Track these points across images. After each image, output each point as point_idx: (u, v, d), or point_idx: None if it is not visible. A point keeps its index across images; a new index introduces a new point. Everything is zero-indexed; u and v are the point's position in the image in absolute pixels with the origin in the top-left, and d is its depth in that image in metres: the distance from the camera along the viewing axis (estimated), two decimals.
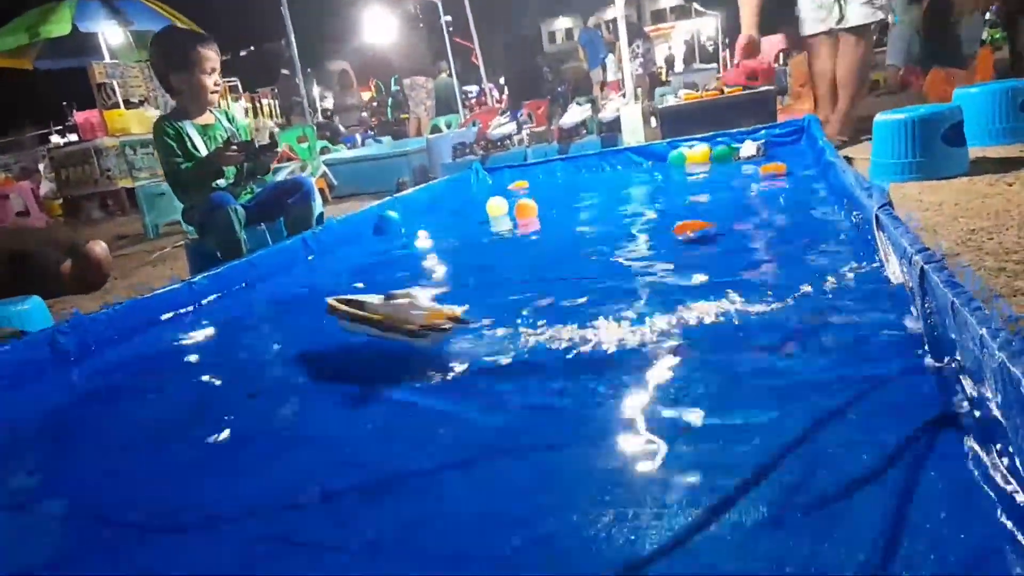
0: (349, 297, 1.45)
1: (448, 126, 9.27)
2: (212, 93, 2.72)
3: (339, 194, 6.21)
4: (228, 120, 2.89)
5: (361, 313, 1.39)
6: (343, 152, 7.19)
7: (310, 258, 2.50)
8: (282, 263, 2.37)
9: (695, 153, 3.35)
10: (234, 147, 2.65)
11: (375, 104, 12.84)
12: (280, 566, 0.80)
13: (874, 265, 1.48)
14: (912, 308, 1.11)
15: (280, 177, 6.03)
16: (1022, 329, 0.83)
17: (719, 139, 3.48)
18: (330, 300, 1.47)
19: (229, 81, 13.14)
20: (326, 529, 0.86)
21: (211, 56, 2.68)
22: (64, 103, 11.54)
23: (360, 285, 2.13)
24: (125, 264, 4.58)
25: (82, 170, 9.09)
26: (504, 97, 14.07)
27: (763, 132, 3.45)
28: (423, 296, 1.34)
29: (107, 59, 9.46)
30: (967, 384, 0.85)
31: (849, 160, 3.41)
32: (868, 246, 1.58)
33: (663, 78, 11.78)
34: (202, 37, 2.74)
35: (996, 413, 0.73)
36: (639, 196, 3.02)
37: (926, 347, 1.00)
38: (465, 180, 3.87)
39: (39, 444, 1.30)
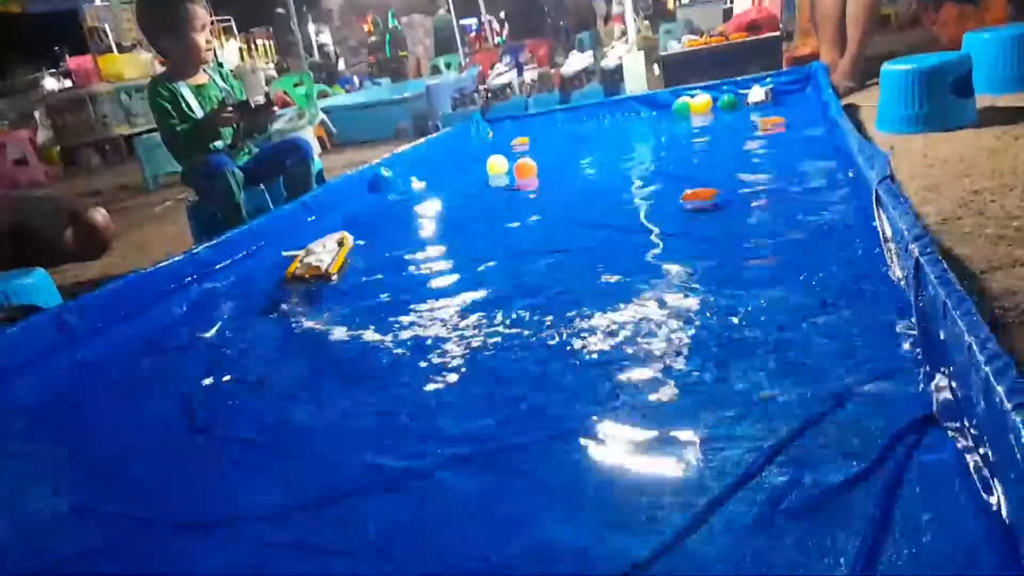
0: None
1: (448, 66, 9.07)
2: (205, 51, 2.66)
3: (338, 141, 6.14)
4: (222, 78, 2.84)
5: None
6: (341, 98, 7.06)
7: (311, 219, 2.49)
8: (284, 227, 2.37)
9: (697, 103, 3.29)
10: (230, 108, 2.61)
11: (372, 40, 12.53)
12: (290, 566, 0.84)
13: (875, 251, 1.46)
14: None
15: (279, 124, 5.99)
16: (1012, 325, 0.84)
17: (724, 87, 3.41)
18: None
19: (223, 21, 12.83)
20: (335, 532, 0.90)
21: (200, 13, 2.61)
22: (56, 48, 11.27)
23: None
24: (127, 218, 4.58)
25: (78, 117, 8.97)
26: (505, 31, 13.72)
27: (768, 80, 3.38)
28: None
29: (98, 2, 9.23)
30: (957, 387, 0.86)
31: (856, 109, 3.35)
32: (872, 234, 1.53)
33: (670, 6, 11.39)
34: None
35: (980, 423, 0.75)
36: (642, 152, 2.98)
37: (918, 351, 1.00)
38: (465, 132, 3.81)
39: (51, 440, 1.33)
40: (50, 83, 11.95)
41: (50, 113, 9.28)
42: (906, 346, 1.02)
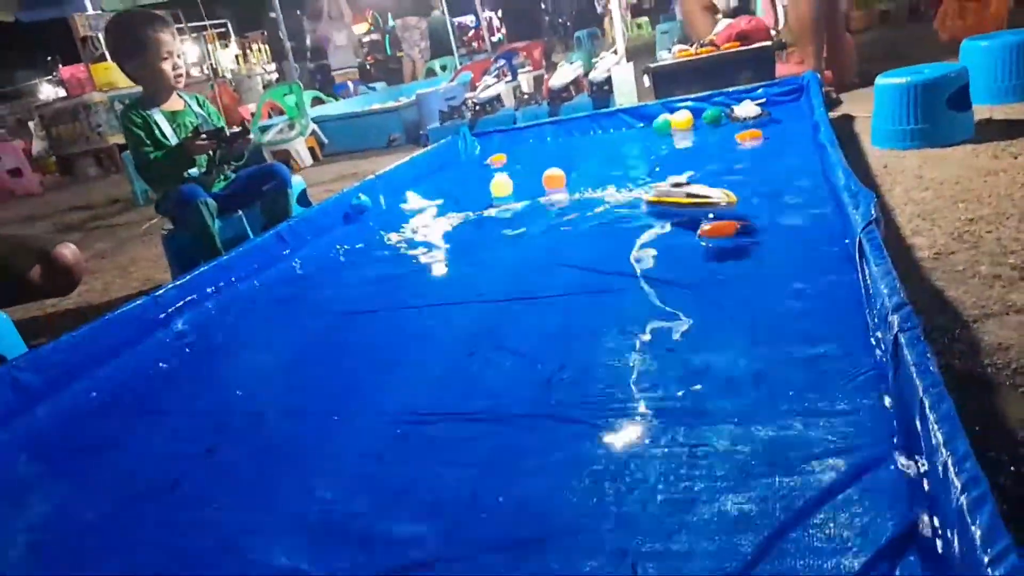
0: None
1: (443, 68, 8.98)
2: (175, 78, 2.58)
3: (330, 151, 6.07)
4: (199, 105, 2.76)
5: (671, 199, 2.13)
6: (332, 108, 6.98)
7: (286, 253, 2.42)
8: (258, 261, 2.30)
9: (678, 119, 3.21)
10: (203, 136, 2.54)
11: (372, 38, 12.37)
12: None
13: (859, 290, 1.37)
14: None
15: (269, 136, 5.92)
16: None
17: (715, 99, 3.32)
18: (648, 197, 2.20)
19: (217, 26, 12.77)
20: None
21: (165, 40, 2.53)
22: (48, 58, 11.23)
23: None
24: (114, 237, 4.53)
25: (72, 127, 8.93)
26: (503, 30, 13.59)
27: (760, 91, 3.29)
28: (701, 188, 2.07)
29: (89, 10, 9.15)
30: (930, 486, 0.78)
31: (850, 121, 3.25)
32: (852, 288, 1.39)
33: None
34: (155, 19, 2.58)
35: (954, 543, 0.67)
36: (633, 167, 2.89)
37: (895, 438, 0.92)
38: (452, 148, 3.73)
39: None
40: (47, 91, 11.95)
41: (44, 123, 9.23)
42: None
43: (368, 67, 11.55)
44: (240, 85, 10.64)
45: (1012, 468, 0.97)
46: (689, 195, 2.10)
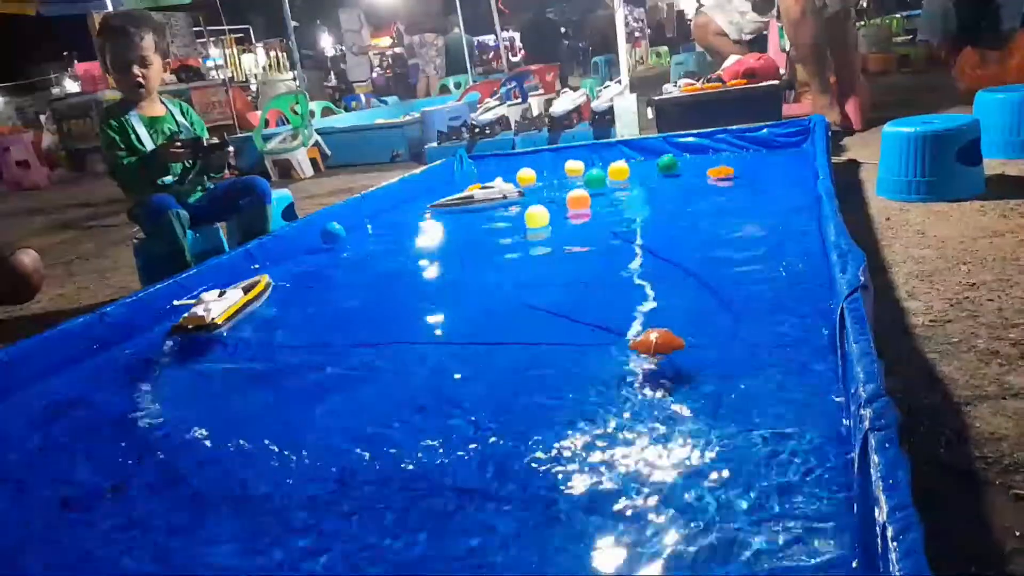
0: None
1: (457, 86, 8.95)
2: (134, 86, 2.49)
3: (333, 163, 6.00)
4: (182, 113, 2.68)
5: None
6: (336, 120, 6.93)
7: (254, 267, 2.31)
8: (220, 280, 2.20)
9: (617, 167, 3.14)
10: (179, 144, 2.46)
11: (396, 51, 12.34)
12: None
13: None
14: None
15: (271, 144, 5.87)
16: None
17: (718, 136, 3.21)
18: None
19: (237, 32, 12.84)
20: None
21: (140, 45, 2.43)
22: (65, 53, 11.30)
23: None
24: (104, 239, 4.46)
25: (84, 123, 8.95)
26: (521, 53, 13.59)
27: (765, 131, 3.18)
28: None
29: (109, 7, 9.19)
30: None
31: (856, 167, 3.13)
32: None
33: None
34: (131, 21, 2.49)
35: None
36: (624, 211, 2.78)
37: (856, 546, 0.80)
38: (448, 170, 3.64)
39: None
40: (63, 85, 12.02)
41: (56, 118, 9.27)
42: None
43: (386, 80, 11.55)
44: (261, 91, 10.65)
45: None
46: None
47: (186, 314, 1.84)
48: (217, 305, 1.87)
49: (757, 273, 1.80)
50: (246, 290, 2.03)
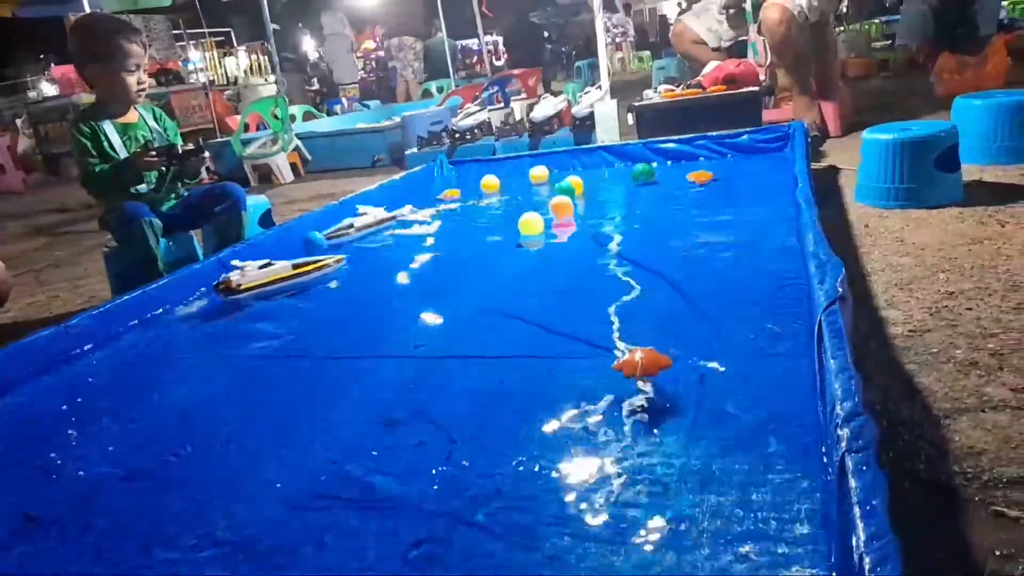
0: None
1: (440, 90, 8.91)
2: (137, 93, 2.46)
3: (313, 168, 5.95)
4: (155, 119, 2.64)
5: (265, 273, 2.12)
6: (317, 124, 6.88)
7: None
8: (190, 291, 2.15)
9: (535, 173, 3.20)
10: (153, 151, 2.42)
11: (379, 55, 12.26)
12: None
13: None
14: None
15: (250, 149, 5.80)
16: None
17: (697, 143, 3.20)
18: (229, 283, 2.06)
19: (217, 35, 12.73)
20: None
21: (135, 52, 2.41)
22: (42, 56, 11.14)
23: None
24: (77, 245, 4.38)
25: (61, 126, 8.81)
26: (505, 56, 13.56)
27: (745, 137, 3.17)
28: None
29: (87, 9, 9.07)
30: None
31: (836, 173, 3.14)
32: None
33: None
34: (125, 27, 2.47)
35: None
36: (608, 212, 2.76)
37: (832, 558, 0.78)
38: (427, 176, 3.60)
39: None
40: (40, 88, 11.85)
41: (32, 121, 9.14)
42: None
43: (372, 86, 11.46)
44: (242, 95, 10.54)
45: None
46: (295, 265, 2.22)
47: (225, 275, 2.08)
48: (252, 274, 2.11)
49: (736, 282, 1.79)
50: (299, 266, 2.23)
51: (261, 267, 2.16)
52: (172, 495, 1.17)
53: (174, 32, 10.85)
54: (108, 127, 2.48)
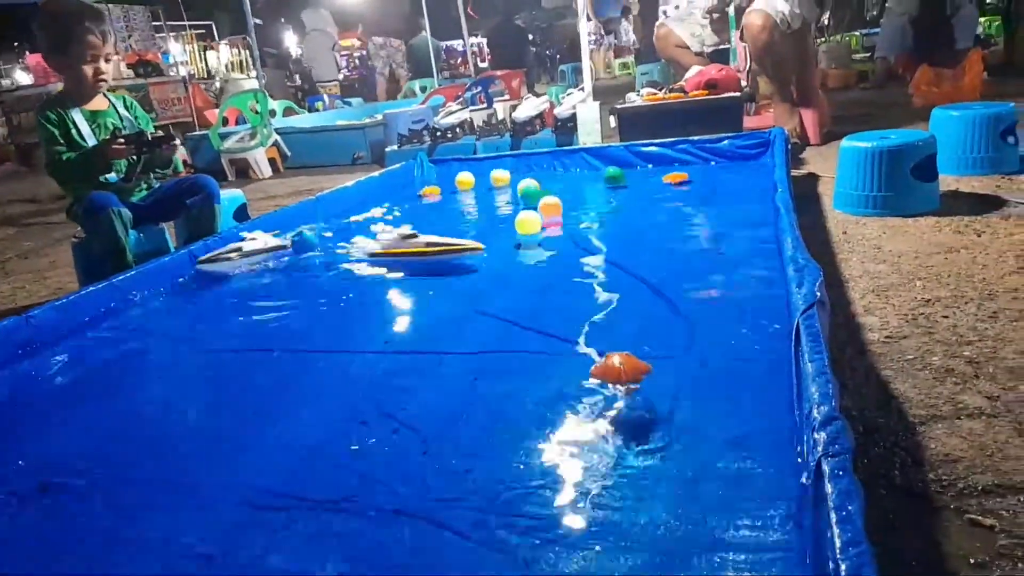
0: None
1: (423, 90, 8.87)
2: (98, 82, 2.39)
3: (293, 164, 5.88)
4: (126, 107, 2.57)
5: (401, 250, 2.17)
6: (296, 120, 6.80)
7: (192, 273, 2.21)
8: (158, 282, 2.09)
9: (498, 175, 3.19)
10: (121, 139, 2.35)
11: (362, 53, 12.18)
12: None
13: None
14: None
15: (228, 143, 5.72)
16: None
17: (679, 147, 3.20)
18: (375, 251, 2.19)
19: (198, 27, 12.55)
20: None
21: (93, 40, 2.34)
22: (16, 44, 10.91)
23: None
24: (45, 236, 4.28)
25: (34, 115, 8.62)
26: (489, 57, 13.53)
27: (726, 142, 3.18)
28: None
29: None
30: None
31: (815, 180, 3.15)
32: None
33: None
34: (88, 14, 2.39)
35: None
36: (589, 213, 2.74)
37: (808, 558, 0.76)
38: (407, 174, 3.56)
39: None
40: (14, 77, 11.61)
41: (4, 110, 8.95)
42: None
43: (355, 84, 11.37)
44: (225, 89, 10.40)
45: None
46: (429, 244, 2.12)
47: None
48: (392, 242, 2.21)
49: (714, 285, 1.77)
50: (434, 245, 2.15)
51: (404, 238, 2.17)
52: (126, 495, 1.12)
53: (154, 24, 10.68)
54: (76, 115, 2.41)
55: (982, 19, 8.08)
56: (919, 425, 1.23)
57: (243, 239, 2.44)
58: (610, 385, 1.24)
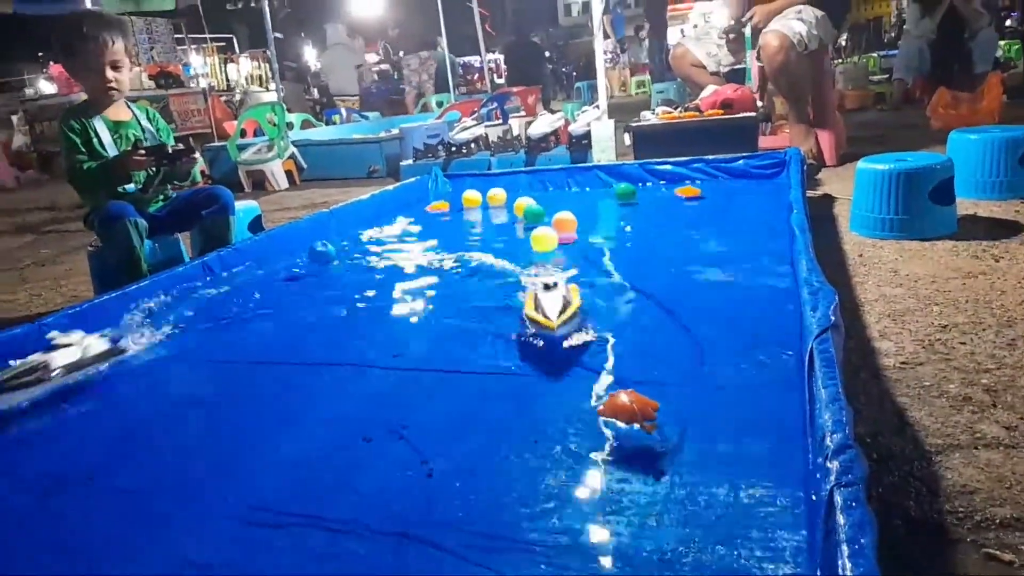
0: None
1: (439, 104, 8.93)
2: (109, 89, 2.41)
3: (309, 176, 5.92)
4: (148, 119, 2.60)
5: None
6: (314, 133, 6.86)
7: (209, 284, 2.22)
8: (175, 291, 2.10)
9: (494, 193, 3.16)
10: (142, 151, 2.38)
11: (383, 67, 12.29)
12: None
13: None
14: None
15: (246, 155, 5.78)
16: None
17: (694, 166, 3.19)
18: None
19: (219, 40, 12.75)
20: None
21: (105, 48, 2.35)
22: (40, 54, 11.11)
23: None
24: (62, 244, 4.32)
25: (56, 124, 8.76)
26: (505, 73, 13.63)
27: (741, 162, 3.17)
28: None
29: (88, 5, 9.07)
30: None
31: (831, 202, 3.13)
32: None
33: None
34: (104, 22, 2.42)
35: None
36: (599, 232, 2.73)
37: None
38: (422, 188, 3.58)
39: None
40: (38, 86, 11.81)
41: (28, 118, 9.11)
42: None
43: (374, 98, 11.47)
44: (244, 102, 10.54)
45: None
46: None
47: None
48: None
49: (728, 307, 1.76)
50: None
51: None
52: (121, 506, 1.12)
53: (176, 36, 10.85)
54: (99, 124, 2.44)
55: (1002, 42, 8.05)
56: (935, 454, 1.20)
57: (52, 347, 1.58)
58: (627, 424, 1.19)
